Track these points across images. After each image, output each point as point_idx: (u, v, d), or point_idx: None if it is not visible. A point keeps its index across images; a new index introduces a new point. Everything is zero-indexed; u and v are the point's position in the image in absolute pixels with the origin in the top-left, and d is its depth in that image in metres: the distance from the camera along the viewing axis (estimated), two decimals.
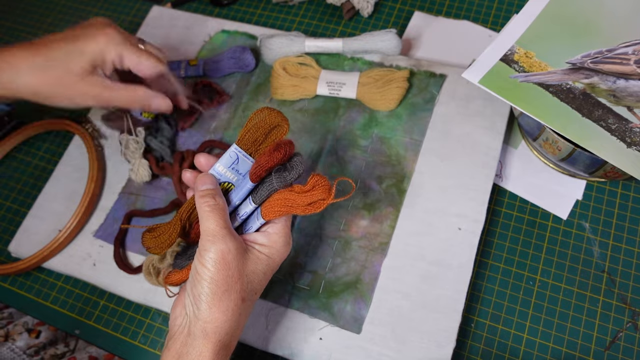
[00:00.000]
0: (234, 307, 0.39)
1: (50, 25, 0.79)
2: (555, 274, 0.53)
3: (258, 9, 0.74)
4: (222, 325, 0.39)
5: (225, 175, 0.42)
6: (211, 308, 0.38)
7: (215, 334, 0.39)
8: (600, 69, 0.49)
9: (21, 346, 0.55)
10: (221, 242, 0.39)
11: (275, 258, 0.42)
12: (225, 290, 0.39)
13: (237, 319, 0.40)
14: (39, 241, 0.58)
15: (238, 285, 0.39)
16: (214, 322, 0.39)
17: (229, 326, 0.39)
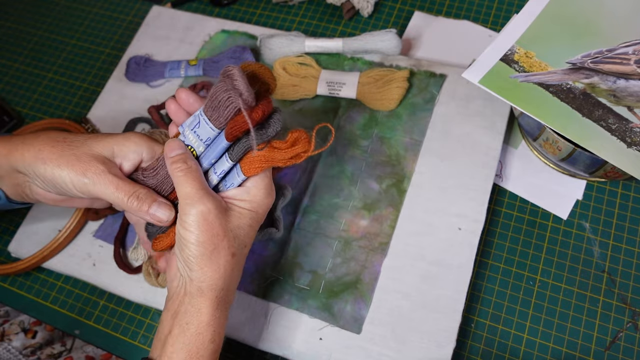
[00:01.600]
0: (225, 264, 0.40)
1: (50, 25, 0.79)
2: (556, 274, 0.53)
3: (258, 9, 0.74)
4: (216, 282, 0.40)
5: (189, 138, 0.42)
6: (202, 268, 0.39)
7: (211, 290, 0.40)
8: (601, 69, 0.49)
9: (17, 346, 0.55)
10: (199, 203, 0.39)
11: (259, 210, 0.42)
12: (213, 250, 0.39)
13: (230, 274, 0.41)
14: (38, 241, 0.58)
15: (225, 242, 0.40)
16: (207, 280, 0.39)
17: (223, 282, 0.40)
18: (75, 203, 0.48)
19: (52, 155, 0.42)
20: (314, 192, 0.56)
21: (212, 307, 0.40)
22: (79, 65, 0.74)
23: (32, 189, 0.45)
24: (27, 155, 0.43)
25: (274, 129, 0.40)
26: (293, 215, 0.55)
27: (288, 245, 0.54)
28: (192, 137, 0.42)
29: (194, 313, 0.39)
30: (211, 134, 0.41)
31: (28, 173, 0.43)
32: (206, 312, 0.39)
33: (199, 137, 0.41)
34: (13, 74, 0.75)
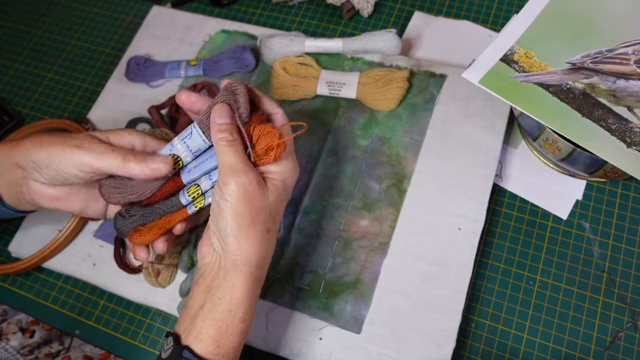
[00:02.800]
0: (261, 238, 0.40)
1: (50, 25, 0.79)
2: (555, 274, 0.53)
3: (258, 9, 0.74)
4: (251, 256, 0.39)
5: (177, 148, 0.43)
6: (239, 241, 0.39)
7: (247, 265, 0.39)
8: (600, 69, 0.49)
9: (15, 346, 0.55)
10: (242, 174, 0.39)
11: (288, 182, 0.42)
12: (250, 222, 0.39)
13: (266, 249, 0.40)
14: (39, 241, 0.58)
15: (261, 216, 0.40)
16: (243, 254, 0.39)
17: (259, 257, 0.40)
18: (71, 203, 0.46)
19: (50, 140, 0.43)
20: (314, 192, 0.56)
21: (246, 284, 0.39)
22: (79, 65, 0.74)
23: (29, 186, 0.45)
24: (27, 143, 0.44)
25: (242, 97, 0.41)
26: (293, 215, 0.55)
27: (288, 245, 0.54)
28: (181, 148, 0.43)
29: (228, 288, 0.39)
30: (202, 145, 0.42)
31: (27, 164, 0.43)
32: (240, 288, 0.39)
33: (188, 148, 0.43)
34: (13, 74, 0.75)
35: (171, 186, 0.44)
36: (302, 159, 0.58)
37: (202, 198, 0.44)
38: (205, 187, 0.43)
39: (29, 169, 0.44)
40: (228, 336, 0.38)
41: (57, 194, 0.45)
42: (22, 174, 0.44)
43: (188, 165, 0.44)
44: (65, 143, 0.42)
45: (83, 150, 0.42)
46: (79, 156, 0.42)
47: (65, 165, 0.42)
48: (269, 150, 0.41)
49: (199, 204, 0.44)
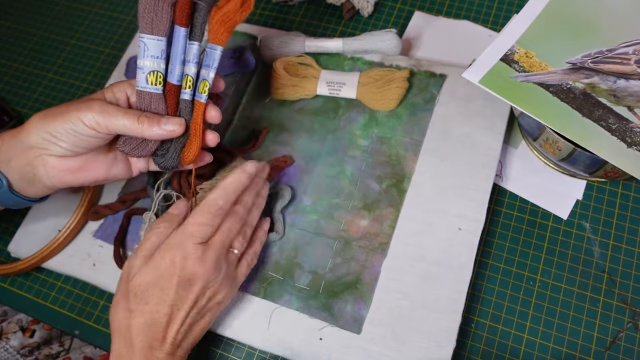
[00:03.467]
0: (122, 316, 0.45)
1: (50, 25, 0.79)
2: (556, 274, 0.53)
3: (258, 8, 0.74)
4: (114, 329, 0.46)
5: (146, 66, 0.44)
6: (113, 308, 0.46)
7: (113, 332, 0.46)
8: (601, 68, 0.49)
9: (15, 346, 0.55)
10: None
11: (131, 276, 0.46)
12: (114, 305, 0.46)
13: (126, 329, 0.44)
14: (38, 241, 0.58)
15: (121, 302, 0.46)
16: (113, 322, 0.46)
17: (119, 335, 0.45)
18: (92, 172, 0.47)
19: (56, 110, 0.44)
20: (314, 192, 0.56)
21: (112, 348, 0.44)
22: (79, 65, 0.74)
23: (45, 163, 0.44)
24: (35, 120, 0.44)
25: None
26: (293, 215, 0.55)
27: (288, 245, 0.54)
28: (149, 62, 0.44)
29: None
30: (161, 45, 0.44)
31: (40, 140, 0.44)
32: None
33: (154, 57, 0.44)
34: (13, 73, 0.75)
35: (173, 97, 0.46)
36: (302, 159, 0.58)
37: (204, 83, 0.46)
38: (192, 71, 0.46)
39: (44, 144, 0.44)
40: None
41: (77, 164, 0.46)
42: (35, 153, 0.44)
43: (167, 68, 0.46)
44: (78, 109, 0.43)
45: (96, 112, 0.43)
46: (94, 117, 0.43)
47: (81, 129, 0.43)
48: (245, 3, 0.45)
49: (205, 88, 0.46)
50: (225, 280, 0.46)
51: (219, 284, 0.46)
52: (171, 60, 0.45)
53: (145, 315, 0.43)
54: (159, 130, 0.44)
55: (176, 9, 0.44)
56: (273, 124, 0.61)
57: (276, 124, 0.61)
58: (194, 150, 0.47)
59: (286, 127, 0.60)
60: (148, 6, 0.43)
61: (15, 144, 0.44)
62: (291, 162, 0.58)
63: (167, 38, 0.45)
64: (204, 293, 0.45)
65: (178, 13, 0.44)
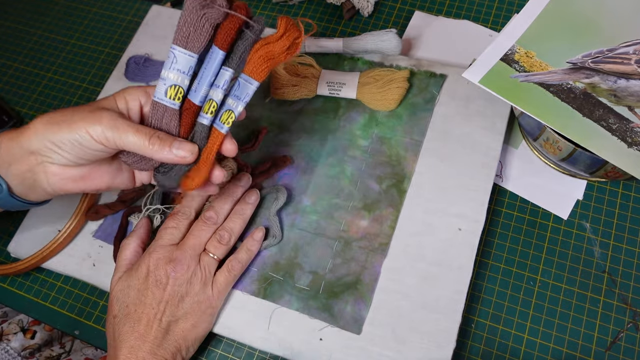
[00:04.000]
0: (108, 325, 0.50)
1: (49, 24, 0.78)
2: (556, 274, 0.53)
3: (258, 8, 0.74)
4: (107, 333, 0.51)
5: (169, 79, 0.42)
6: None
7: None
8: (601, 68, 0.49)
9: (16, 347, 0.54)
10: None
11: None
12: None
13: (112, 333, 0.48)
14: (38, 241, 0.58)
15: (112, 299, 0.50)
16: None
17: (109, 341, 0.50)
18: (95, 181, 0.45)
19: (62, 117, 0.42)
20: (314, 192, 0.56)
21: None
22: (79, 65, 0.74)
23: (47, 170, 0.43)
24: (38, 125, 0.42)
25: (261, 23, 0.42)
26: (293, 215, 0.55)
27: (288, 246, 0.54)
28: (173, 75, 0.42)
29: None
30: (191, 61, 0.42)
31: (42, 148, 0.42)
32: None
33: (180, 71, 0.42)
34: (12, 73, 0.75)
35: (189, 117, 0.44)
36: (302, 159, 0.58)
37: (228, 114, 0.43)
38: (218, 97, 0.43)
39: (46, 151, 0.42)
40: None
41: (80, 173, 0.44)
42: (37, 159, 0.42)
43: (192, 86, 0.43)
44: (85, 120, 0.41)
45: (106, 126, 0.41)
46: (102, 132, 0.41)
47: (88, 143, 0.41)
48: (292, 46, 0.42)
49: (230, 119, 0.43)
50: (199, 281, 0.48)
51: (191, 282, 0.48)
52: (199, 80, 0.43)
53: (126, 318, 0.46)
54: (169, 155, 0.42)
55: (219, 30, 0.41)
56: (273, 124, 0.61)
57: (276, 124, 0.61)
58: (198, 180, 0.43)
59: (286, 127, 0.60)
60: (189, 20, 0.40)
61: (15, 148, 0.42)
62: (291, 162, 0.57)
63: (200, 55, 0.42)
64: (176, 291, 0.47)
65: (221, 36, 0.41)
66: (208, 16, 0.40)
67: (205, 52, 0.43)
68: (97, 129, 0.41)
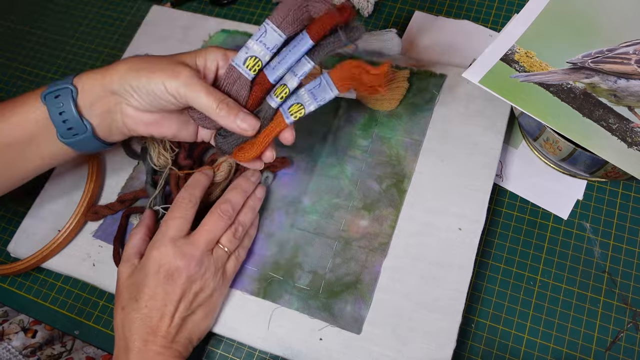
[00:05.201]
0: (116, 314, 0.48)
1: (49, 24, 0.78)
2: (556, 274, 0.53)
3: (258, 8, 0.74)
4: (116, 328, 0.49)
5: (252, 49, 0.44)
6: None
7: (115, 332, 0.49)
8: (601, 68, 0.49)
9: (17, 346, 0.54)
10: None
11: (152, 266, 0.48)
12: (116, 295, 0.50)
13: (120, 327, 0.47)
14: (38, 241, 0.58)
15: (121, 292, 0.48)
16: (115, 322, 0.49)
17: (117, 333, 0.48)
18: (164, 128, 0.48)
19: (144, 65, 0.44)
20: (314, 192, 0.56)
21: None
22: (79, 65, 0.74)
23: (123, 111, 0.46)
24: (121, 69, 0.44)
25: (359, 30, 0.43)
26: (293, 215, 0.55)
27: (288, 245, 0.54)
28: (257, 47, 0.44)
29: None
30: (278, 40, 0.43)
31: (122, 90, 0.44)
32: None
33: (265, 46, 0.44)
34: (12, 73, 0.75)
35: (259, 91, 0.45)
36: (302, 159, 0.58)
37: (299, 107, 0.45)
38: (292, 85, 0.44)
39: (125, 94, 0.44)
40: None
41: (151, 118, 0.47)
42: (116, 100, 0.45)
43: (271, 63, 0.45)
44: (164, 72, 0.43)
45: (181, 83, 0.43)
46: (177, 87, 0.43)
47: (162, 94, 0.43)
48: (374, 87, 0.43)
49: (298, 113, 0.45)
50: (212, 275, 0.48)
51: (204, 278, 0.47)
52: (279, 59, 0.44)
53: (136, 312, 0.45)
54: (232, 123, 0.44)
55: (316, 21, 0.42)
56: None
57: None
58: (250, 155, 0.46)
59: None
60: (291, 4, 0.42)
61: (97, 87, 0.45)
62: (289, 164, 0.57)
63: (289, 38, 0.44)
64: (189, 287, 0.46)
65: (316, 26, 0.42)
66: (310, 8, 0.42)
67: (295, 35, 0.44)
68: (173, 83, 0.43)
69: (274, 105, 0.45)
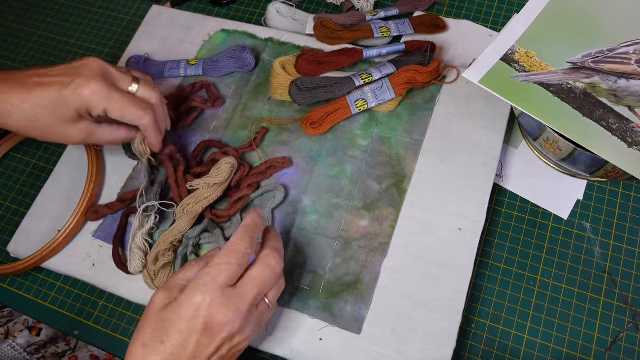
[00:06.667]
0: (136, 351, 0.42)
1: (49, 24, 0.78)
2: (556, 274, 0.53)
3: (258, 8, 0.74)
4: None
5: None
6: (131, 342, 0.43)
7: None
8: (601, 68, 0.49)
9: (22, 344, 0.55)
10: None
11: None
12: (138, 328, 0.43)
13: None
14: (37, 241, 0.58)
15: (144, 326, 0.42)
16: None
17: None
18: None
19: (37, 125, 0.49)
20: (314, 192, 0.56)
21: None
22: None
23: None
24: (16, 123, 0.49)
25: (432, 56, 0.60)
26: (293, 215, 0.55)
27: (288, 245, 0.54)
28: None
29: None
30: None
31: None
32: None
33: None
34: None
35: (351, 57, 0.60)
36: (302, 159, 0.58)
37: (363, 102, 0.56)
38: (376, 77, 0.56)
39: None
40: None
41: None
42: None
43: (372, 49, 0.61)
44: (57, 138, 0.51)
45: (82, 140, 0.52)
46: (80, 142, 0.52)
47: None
48: (428, 82, 0.59)
49: (362, 107, 0.57)
50: (252, 332, 0.43)
51: (245, 335, 0.42)
52: (379, 51, 0.62)
53: (157, 356, 0.39)
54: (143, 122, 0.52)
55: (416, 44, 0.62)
56: (273, 124, 0.61)
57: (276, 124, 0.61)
58: (319, 130, 0.58)
59: (286, 127, 0.60)
60: None
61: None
62: (289, 164, 0.57)
63: None
64: (228, 343, 0.41)
65: (416, 45, 0.62)
66: None
67: None
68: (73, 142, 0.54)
69: (356, 83, 0.56)
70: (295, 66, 0.60)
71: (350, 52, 0.60)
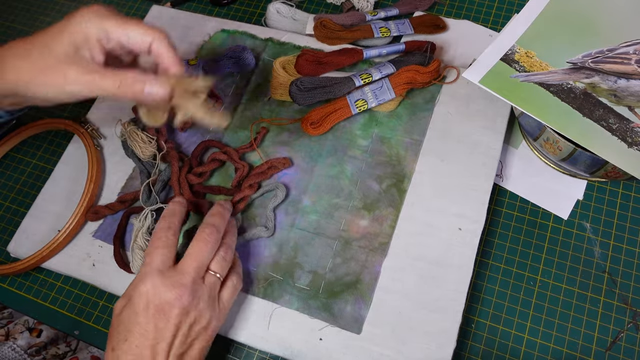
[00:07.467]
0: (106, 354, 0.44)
1: (49, 24, 0.78)
2: (556, 274, 0.53)
3: (258, 8, 0.74)
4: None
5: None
6: None
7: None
8: (601, 68, 0.49)
9: (22, 345, 0.54)
10: None
11: (132, 295, 0.44)
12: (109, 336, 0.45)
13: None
14: (38, 241, 0.58)
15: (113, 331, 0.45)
16: None
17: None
18: None
19: (27, 76, 0.43)
20: (314, 192, 0.56)
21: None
22: None
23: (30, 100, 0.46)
24: (10, 76, 0.43)
25: (437, 61, 0.59)
26: (293, 215, 0.55)
27: (288, 245, 0.54)
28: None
29: None
30: None
31: (16, 95, 0.45)
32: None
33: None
34: None
35: (351, 57, 0.60)
36: (302, 159, 0.58)
37: (363, 102, 0.56)
38: (375, 77, 0.56)
39: (20, 98, 0.46)
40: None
41: None
42: (15, 99, 0.46)
43: (371, 49, 0.60)
44: (49, 83, 0.43)
45: (72, 89, 0.43)
46: (70, 94, 0.44)
47: (58, 98, 0.44)
48: (428, 82, 0.59)
49: (362, 107, 0.57)
50: (206, 305, 0.44)
51: (199, 308, 0.43)
52: (379, 50, 0.61)
53: (126, 354, 0.41)
54: (141, 95, 0.44)
55: (417, 44, 0.62)
56: (273, 124, 0.61)
57: (276, 124, 0.61)
58: (319, 131, 0.58)
59: (286, 127, 0.60)
60: None
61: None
62: (289, 164, 0.57)
63: None
64: (184, 320, 0.42)
65: (415, 45, 0.62)
66: None
67: None
68: (63, 91, 0.44)
69: (356, 83, 0.56)
70: (295, 66, 0.60)
71: (350, 52, 0.60)
